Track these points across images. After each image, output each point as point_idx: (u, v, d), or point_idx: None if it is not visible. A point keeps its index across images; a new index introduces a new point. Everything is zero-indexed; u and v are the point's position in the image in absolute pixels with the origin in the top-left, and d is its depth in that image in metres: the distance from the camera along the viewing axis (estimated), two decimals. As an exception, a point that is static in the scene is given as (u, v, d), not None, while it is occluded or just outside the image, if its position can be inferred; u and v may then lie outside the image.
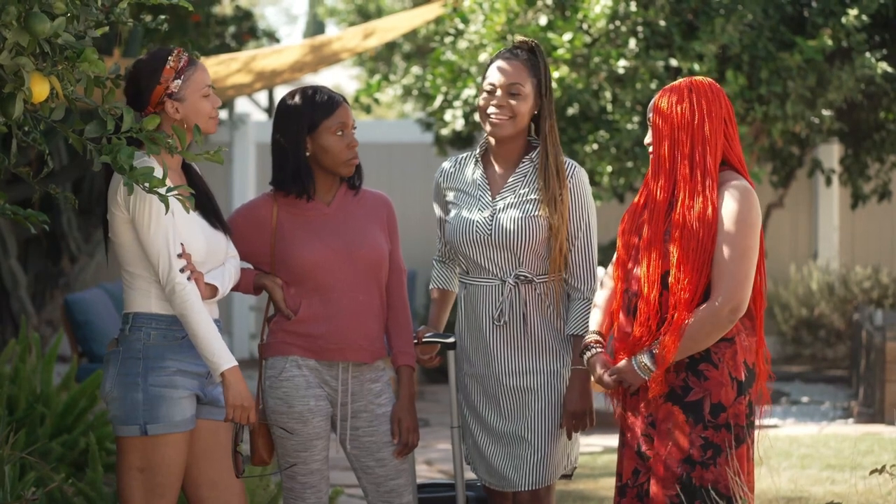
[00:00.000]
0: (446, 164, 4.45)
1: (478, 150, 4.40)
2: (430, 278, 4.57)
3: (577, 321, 4.27)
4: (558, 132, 4.42)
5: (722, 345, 3.89)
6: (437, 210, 4.47)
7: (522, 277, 4.27)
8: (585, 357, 4.09)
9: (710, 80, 4.00)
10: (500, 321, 4.27)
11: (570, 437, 4.28)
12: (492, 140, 4.35)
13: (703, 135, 3.91)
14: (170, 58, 3.90)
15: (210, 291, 3.94)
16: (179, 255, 3.84)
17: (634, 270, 3.97)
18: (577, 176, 4.30)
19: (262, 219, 4.24)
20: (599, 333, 4.09)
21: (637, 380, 3.92)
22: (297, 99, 4.19)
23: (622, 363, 3.95)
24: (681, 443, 3.87)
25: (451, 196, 4.39)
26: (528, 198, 4.27)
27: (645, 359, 3.89)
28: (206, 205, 4.01)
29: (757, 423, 3.97)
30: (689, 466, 3.87)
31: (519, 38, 4.39)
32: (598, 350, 4.06)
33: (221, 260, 4.03)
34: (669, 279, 3.87)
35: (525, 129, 4.31)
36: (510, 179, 4.31)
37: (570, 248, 4.29)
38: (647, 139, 4.02)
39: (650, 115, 4.00)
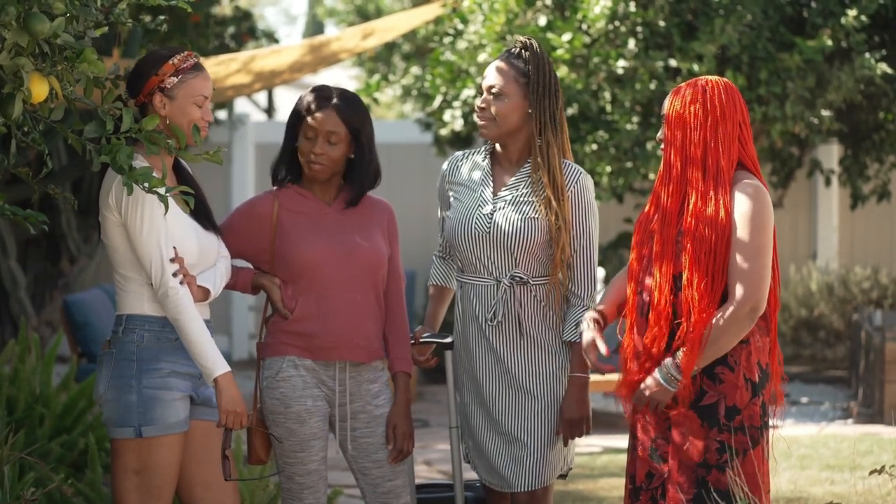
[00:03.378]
0: (458, 154, 4.44)
1: (489, 146, 4.39)
2: (429, 275, 4.56)
3: (574, 328, 4.25)
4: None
5: (737, 346, 3.86)
6: (439, 203, 4.47)
7: (518, 279, 4.25)
8: (580, 329, 4.05)
9: (725, 80, 3.93)
10: (493, 321, 4.25)
11: (566, 444, 4.27)
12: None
13: (716, 138, 3.85)
14: (177, 55, 3.90)
15: (202, 294, 3.93)
16: (172, 259, 3.84)
17: (646, 279, 3.93)
18: (582, 182, 4.28)
19: (263, 216, 4.24)
20: (601, 313, 4.04)
21: (667, 396, 3.86)
22: (305, 93, 4.25)
23: (650, 382, 3.87)
24: (696, 446, 3.84)
25: (454, 189, 4.39)
26: (528, 199, 4.26)
27: (670, 368, 3.84)
28: (198, 206, 3.99)
29: (771, 423, 3.95)
30: (705, 470, 3.84)
31: (517, 38, 4.38)
32: (594, 331, 3.98)
33: (213, 261, 4.02)
34: (682, 282, 3.84)
35: (516, 130, 4.28)
36: (512, 179, 4.31)
37: (572, 253, 4.27)
38: (660, 135, 3.98)
39: (664, 112, 3.96)
